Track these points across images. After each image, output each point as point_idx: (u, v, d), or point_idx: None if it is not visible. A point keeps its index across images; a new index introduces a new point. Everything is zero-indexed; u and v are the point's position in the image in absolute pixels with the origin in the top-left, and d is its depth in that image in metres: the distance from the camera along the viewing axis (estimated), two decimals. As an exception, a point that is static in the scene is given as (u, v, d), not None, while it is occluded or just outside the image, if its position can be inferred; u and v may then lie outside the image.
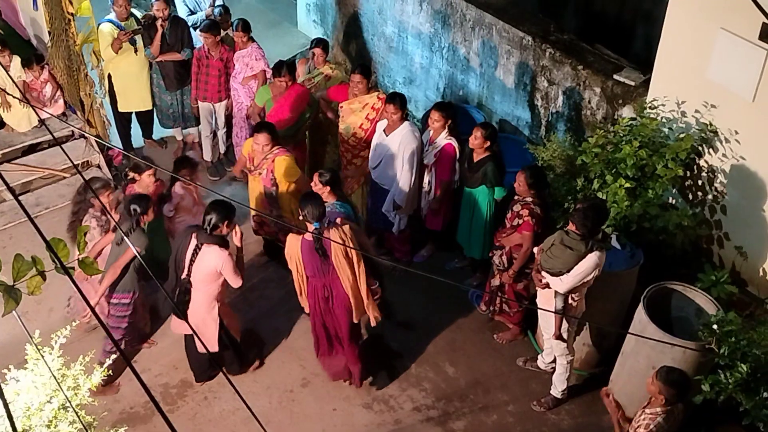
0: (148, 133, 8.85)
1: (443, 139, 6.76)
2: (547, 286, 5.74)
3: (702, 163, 6.19)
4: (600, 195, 5.99)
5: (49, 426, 4.37)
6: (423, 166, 6.93)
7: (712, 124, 5.98)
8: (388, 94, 6.96)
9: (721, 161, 6.05)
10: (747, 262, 6.17)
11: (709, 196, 6.25)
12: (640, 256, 6.06)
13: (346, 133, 7.19)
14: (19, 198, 7.75)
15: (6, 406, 2.23)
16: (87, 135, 8.23)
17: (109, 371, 4.87)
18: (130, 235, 5.77)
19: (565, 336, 5.90)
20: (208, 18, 8.39)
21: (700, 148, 6.11)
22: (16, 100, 7.86)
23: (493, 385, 6.54)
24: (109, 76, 8.19)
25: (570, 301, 5.74)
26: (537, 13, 7.88)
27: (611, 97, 6.76)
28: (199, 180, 7.36)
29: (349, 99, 7.28)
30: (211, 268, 5.66)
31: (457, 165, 6.83)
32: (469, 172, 6.70)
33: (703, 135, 6.01)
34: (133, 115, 8.62)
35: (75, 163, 8.06)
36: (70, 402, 4.31)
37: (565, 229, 5.59)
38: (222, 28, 8.12)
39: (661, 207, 6.00)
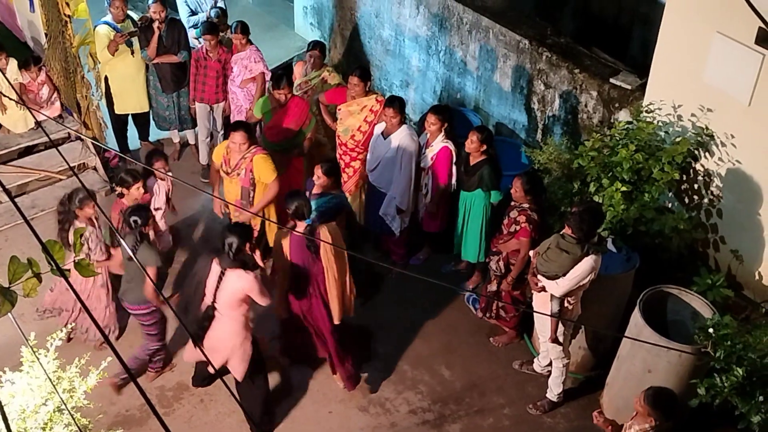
0: (144, 135, 8.84)
1: (440, 143, 6.77)
2: (543, 290, 5.74)
3: (698, 166, 6.20)
4: (596, 198, 6.00)
5: (44, 429, 4.37)
6: (420, 170, 6.94)
7: (708, 128, 5.99)
8: (388, 98, 6.96)
9: (717, 165, 6.06)
10: (743, 266, 6.18)
11: (705, 200, 6.26)
12: (636, 259, 6.06)
13: (345, 136, 7.19)
14: (15, 200, 7.73)
15: (1, 408, 2.22)
16: (83, 137, 8.22)
17: (105, 374, 4.86)
18: (138, 249, 5.75)
19: (561, 339, 5.90)
20: (208, 20, 8.38)
21: (696, 152, 6.12)
22: (12, 101, 7.85)
23: (489, 388, 6.54)
24: (106, 79, 8.18)
25: (566, 304, 5.75)
26: (534, 16, 7.90)
27: (608, 100, 6.77)
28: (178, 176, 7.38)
29: (347, 102, 7.27)
30: (237, 292, 5.52)
31: (453, 168, 6.84)
32: (466, 176, 6.70)
33: (699, 139, 6.03)
34: (130, 118, 8.61)
35: (71, 165, 8.07)
36: (65, 404, 4.30)
37: (561, 232, 5.60)
38: (219, 29, 8.12)
39: (657, 210, 6.02)
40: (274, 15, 10.71)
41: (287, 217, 5.99)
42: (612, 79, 6.77)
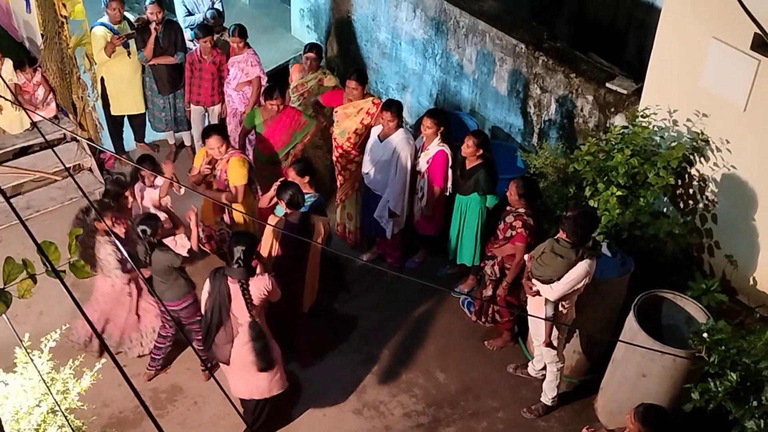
0: (140, 136, 8.82)
1: (436, 146, 6.77)
2: (538, 294, 5.75)
3: (693, 171, 6.21)
4: (591, 203, 6.01)
5: (37, 430, 4.37)
6: (416, 173, 6.94)
7: (703, 133, 6.00)
8: (385, 102, 6.94)
9: (713, 170, 6.07)
10: (737, 271, 6.19)
11: (700, 205, 6.28)
12: (630, 264, 6.07)
13: (341, 138, 7.19)
14: (10, 200, 7.71)
15: (-5, 409, 2.22)
16: (79, 138, 8.20)
17: (99, 375, 4.85)
18: (152, 255, 5.79)
19: (555, 343, 5.90)
20: (203, 21, 8.37)
21: (692, 157, 6.14)
22: (8, 102, 7.84)
23: (484, 391, 6.54)
24: (102, 80, 8.17)
25: (560, 308, 5.75)
26: (530, 20, 7.90)
27: (603, 105, 6.79)
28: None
29: (343, 104, 7.27)
30: (259, 297, 5.52)
31: (449, 172, 6.84)
32: (462, 180, 6.71)
33: (694, 144, 6.04)
34: (126, 119, 8.60)
35: (67, 166, 8.06)
36: (59, 406, 4.30)
37: (556, 236, 5.61)
38: (215, 31, 8.10)
39: (653, 215, 6.02)
40: (271, 17, 10.71)
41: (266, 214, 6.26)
42: (608, 84, 6.78)
